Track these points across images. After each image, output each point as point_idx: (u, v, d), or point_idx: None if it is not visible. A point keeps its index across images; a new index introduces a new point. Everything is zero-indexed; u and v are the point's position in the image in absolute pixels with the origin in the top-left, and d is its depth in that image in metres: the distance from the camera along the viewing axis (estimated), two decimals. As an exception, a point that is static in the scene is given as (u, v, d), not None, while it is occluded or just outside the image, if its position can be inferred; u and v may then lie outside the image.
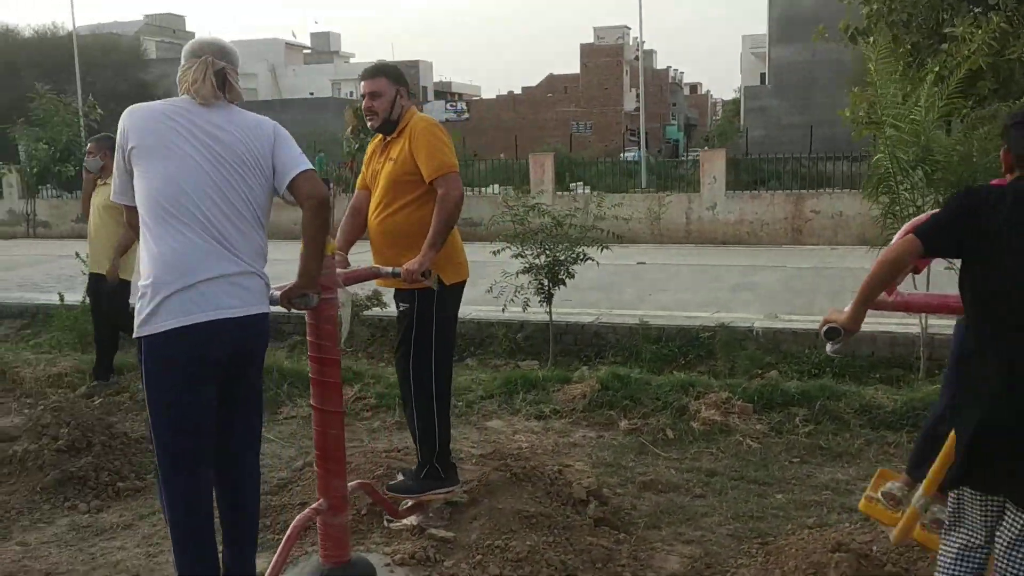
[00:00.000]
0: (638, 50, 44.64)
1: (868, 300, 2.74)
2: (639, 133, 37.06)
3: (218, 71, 3.06)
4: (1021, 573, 2.54)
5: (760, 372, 6.76)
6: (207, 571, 3.04)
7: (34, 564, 3.88)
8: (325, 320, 3.48)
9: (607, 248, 7.15)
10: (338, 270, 3.80)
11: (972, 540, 2.68)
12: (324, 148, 24.35)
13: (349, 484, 3.91)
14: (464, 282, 4.17)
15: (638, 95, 48.84)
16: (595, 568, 3.75)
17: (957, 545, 2.72)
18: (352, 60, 68.99)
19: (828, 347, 2.76)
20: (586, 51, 57.71)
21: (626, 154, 36.10)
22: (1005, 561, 2.57)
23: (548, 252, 6.92)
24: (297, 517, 3.57)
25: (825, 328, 2.74)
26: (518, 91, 61.29)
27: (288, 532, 3.49)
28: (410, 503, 4.21)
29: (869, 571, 3.60)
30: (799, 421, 5.50)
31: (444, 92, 64.09)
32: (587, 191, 19.23)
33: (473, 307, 7.75)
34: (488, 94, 69.19)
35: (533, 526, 3.99)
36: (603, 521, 4.19)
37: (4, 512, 4.45)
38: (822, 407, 5.60)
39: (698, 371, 6.89)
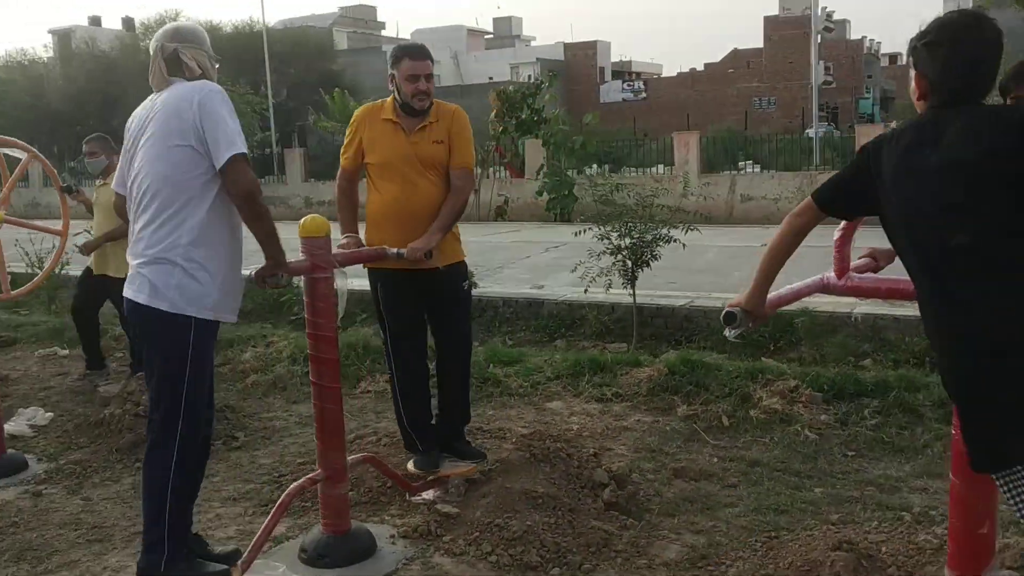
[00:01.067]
0: (827, 20, 42.58)
1: (767, 277, 2.59)
2: (825, 108, 35.33)
3: (169, 54, 3.21)
4: None
5: (853, 361, 6.40)
6: None
7: (87, 517, 4.28)
8: (320, 298, 3.64)
9: (694, 229, 6.96)
10: (341, 250, 3.96)
11: None
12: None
13: (354, 457, 4.10)
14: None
15: (827, 68, 46.62)
16: (588, 551, 3.73)
17: None
18: (532, 43, 69.67)
19: (727, 332, 2.62)
20: (770, 24, 55.51)
21: (810, 130, 34.68)
22: None
23: (633, 233, 6.82)
24: (292, 485, 3.77)
25: (724, 312, 2.61)
26: (701, 68, 59.95)
27: (281, 499, 3.69)
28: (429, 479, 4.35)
29: (869, 572, 3.40)
30: (868, 412, 5.20)
31: (623, 72, 63.49)
32: (756, 170, 18.67)
33: (569, 288, 7.77)
34: (670, 72, 68.06)
35: (538, 507, 4.01)
36: (615, 506, 4.15)
37: (83, 469, 4.91)
38: (896, 398, 5.26)
39: (788, 358, 6.60)
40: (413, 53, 4.07)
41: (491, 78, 57.09)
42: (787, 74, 54.07)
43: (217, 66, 3.47)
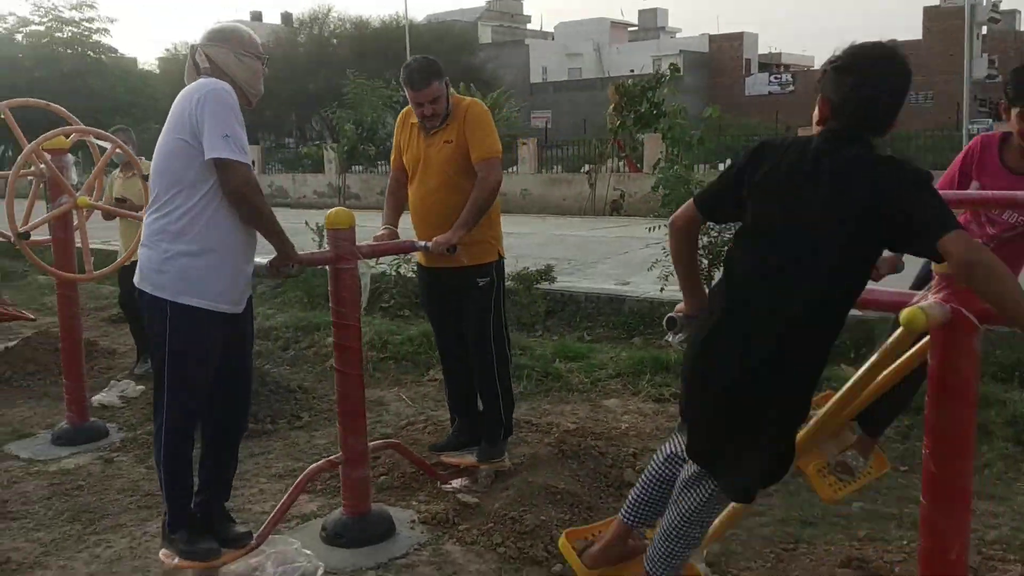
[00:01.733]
0: (993, 10, 40.10)
1: (692, 282, 2.56)
2: (987, 103, 33.20)
3: (194, 52, 3.39)
4: (679, 506, 2.64)
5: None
6: None
7: (144, 485, 4.58)
8: (344, 288, 3.78)
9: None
10: (370, 243, 4.09)
11: (677, 451, 2.74)
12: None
13: (378, 442, 4.24)
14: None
15: (991, 61, 43.79)
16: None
17: (667, 450, 2.80)
18: (678, 35, 68.59)
19: (669, 338, 2.58)
20: (930, 14, 52.70)
21: (971, 126, 32.80)
22: (676, 492, 2.68)
23: (712, 232, 6.69)
24: (312, 466, 3.94)
25: (665, 317, 2.57)
26: (854, 61, 57.46)
27: (300, 478, 3.87)
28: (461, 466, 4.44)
29: (874, 592, 3.28)
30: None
31: (771, 64, 61.66)
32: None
33: (653, 285, 7.70)
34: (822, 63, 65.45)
35: (556, 503, 4.04)
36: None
37: (149, 438, 5.26)
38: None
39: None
40: (412, 82, 4.05)
41: (632, 71, 56.54)
42: (946, 67, 51.13)
43: (264, 66, 3.48)
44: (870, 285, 2.81)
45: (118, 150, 5.24)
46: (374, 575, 3.63)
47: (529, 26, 73.92)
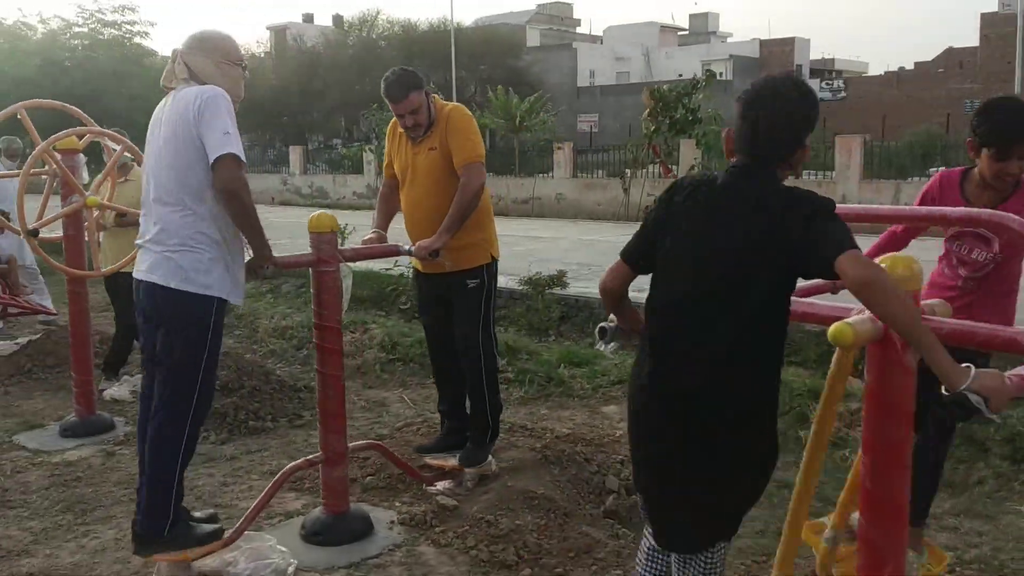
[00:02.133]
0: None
1: (623, 308, 2.57)
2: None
3: (175, 59, 3.48)
4: None
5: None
6: None
7: (113, 476, 4.70)
8: (325, 290, 3.85)
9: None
10: (352, 246, 4.16)
11: (653, 543, 2.64)
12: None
13: (358, 443, 4.30)
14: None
15: (1050, 69, 42.73)
16: (567, 556, 3.75)
17: (645, 547, 2.67)
18: (729, 40, 68.04)
19: (599, 345, 2.59)
20: (987, 20, 51.59)
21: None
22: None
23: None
24: (289, 464, 4.01)
25: (597, 327, 2.59)
26: (910, 67, 56.56)
27: (277, 476, 3.94)
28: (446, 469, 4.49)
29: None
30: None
31: (823, 70, 60.88)
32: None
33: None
34: (876, 70, 64.67)
35: (533, 508, 4.06)
36: (613, 514, 4.15)
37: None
38: (963, 429, 4.89)
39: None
40: (393, 95, 4.11)
41: (680, 75, 56.30)
42: (1004, 75, 50.00)
43: (244, 72, 3.59)
44: (819, 299, 2.82)
45: (127, 152, 5.38)
46: (345, 574, 3.68)
47: (579, 30, 73.87)
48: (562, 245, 12.81)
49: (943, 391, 1.98)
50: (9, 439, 5.33)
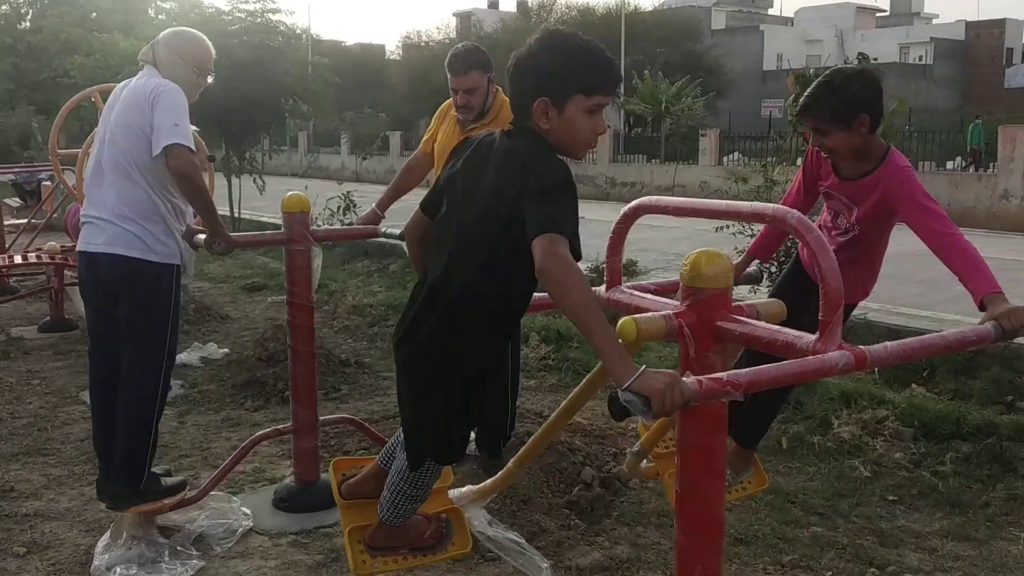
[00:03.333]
0: None
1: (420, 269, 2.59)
2: None
3: (153, 43, 3.73)
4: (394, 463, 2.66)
5: (1004, 400, 5.46)
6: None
7: (173, 439, 5.07)
8: (295, 269, 4.04)
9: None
10: (325, 227, 4.31)
11: None
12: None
13: (331, 417, 4.47)
14: None
15: None
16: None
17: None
18: (934, 21, 63.66)
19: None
20: None
21: None
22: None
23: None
24: (259, 432, 4.23)
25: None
26: None
27: (245, 443, 4.17)
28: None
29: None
30: (952, 460, 4.51)
31: (1039, 53, 55.83)
32: None
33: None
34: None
35: (511, 494, 4.07)
36: (574, 505, 4.10)
37: (201, 398, 5.79)
38: (989, 446, 4.51)
39: (937, 389, 5.78)
40: (454, 67, 4.05)
41: (875, 59, 53.10)
42: None
43: (204, 80, 3.81)
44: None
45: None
46: (293, 539, 3.86)
47: (771, 11, 71.25)
48: (673, 235, 12.52)
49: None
50: (76, 394, 5.86)
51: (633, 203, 2.57)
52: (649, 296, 2.50)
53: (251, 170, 13.47)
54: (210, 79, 3.85)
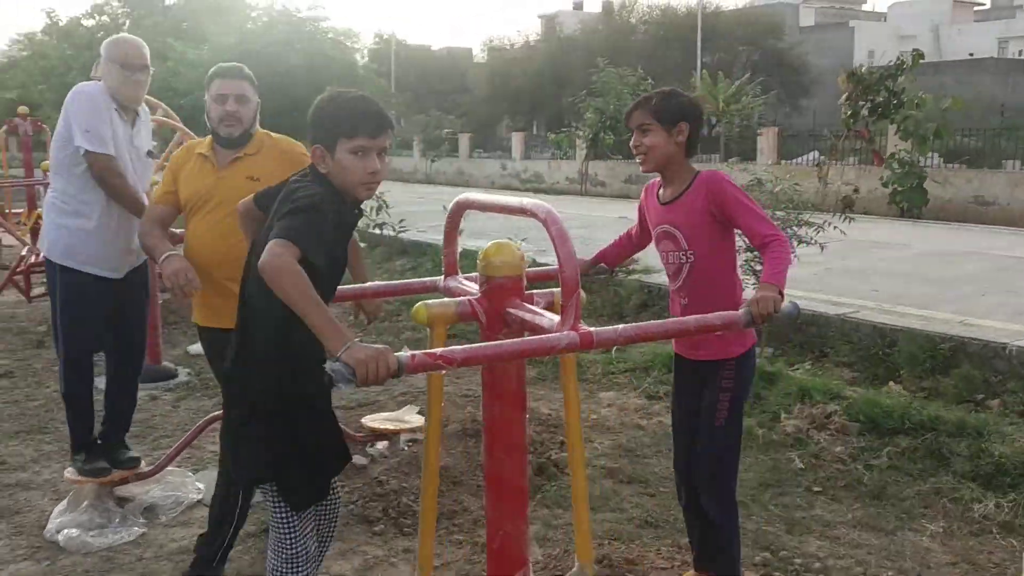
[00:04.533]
0: None
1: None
2: None
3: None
4: None
5: (974, 398, 5.41)
6: None
7: (156, 420, 5.48)
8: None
9: (837, 229, 6.38)
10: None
11: None
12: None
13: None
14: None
15: None
16: (441, 519, 3.97)
17: None
18: (1039, 14, 60.93)
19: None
20: None
21: None
22: None
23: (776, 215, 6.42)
24: (212, 413, 4.56)
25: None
26: None
27: (200, 422, 4.51)
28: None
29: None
30: (889, 454, 4.57)
31: None
32: None
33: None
34: None
35: (444, 475, 4.31)
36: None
37: (203, 385, 6.19)
38: (927, 442, 4.55)
39: (912, 388, 5.76)
40: (224, 72, 3.49)
41: (971, 54, 51.33)
42: None
43: (132, 75, 3.96)
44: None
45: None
46: (236, 512, 4.17)
47: (864, 7, 69.42)
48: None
49: None
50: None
51: (455, 200, 2.76)
52: (474, 285, 2.70)
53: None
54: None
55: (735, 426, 3.06)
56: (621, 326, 2.20)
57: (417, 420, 4.89)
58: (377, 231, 10.05)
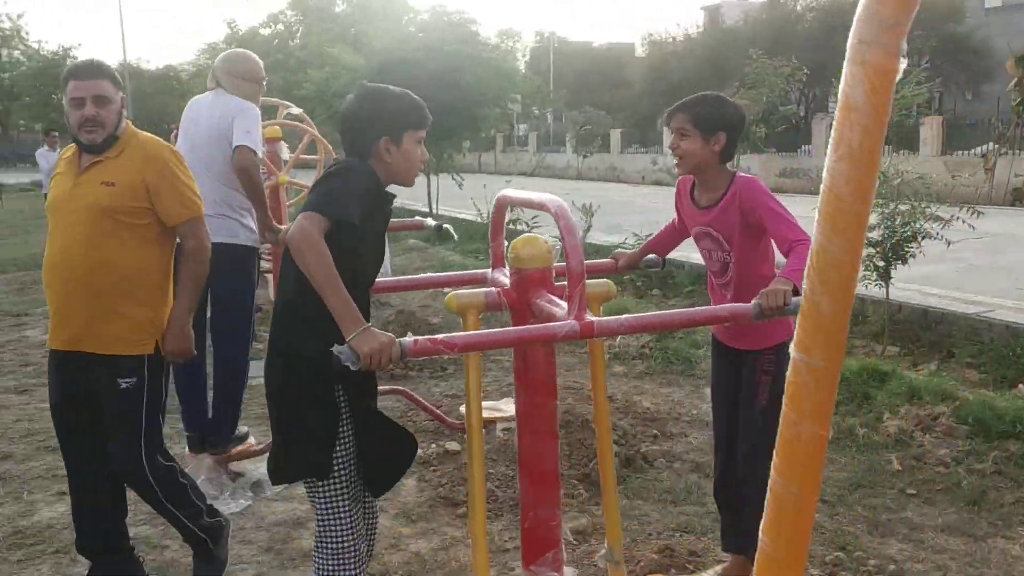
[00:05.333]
0: None
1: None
2: None
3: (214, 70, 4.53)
4: None
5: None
6: None
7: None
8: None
9: (967, 224, 6.06)
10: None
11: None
12: None
13: (385, 388, 5.02)
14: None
15: None
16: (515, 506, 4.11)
17: None
18: None
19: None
20: None
21: None
22: None
23: (886, 222, 6.18)
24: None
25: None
26: None
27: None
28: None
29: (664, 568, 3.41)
30: (995, 459, 4.35)
31: None
32: None
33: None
34: None
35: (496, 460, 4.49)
36: (586, 478, 4.38)
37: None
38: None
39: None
40: (79, 72, 3.14)
41: None
42: None
43: (261, 87, 4.64)
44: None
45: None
46: (283, 490, 4.39)
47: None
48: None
49: None
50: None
51: (496, 197, 2.88)
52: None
53: (451, 169, 14.55)
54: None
55: (776, 411, 3.04)
56: (624, 316, 2.27)
57: (513, 409, 5.03)
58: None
